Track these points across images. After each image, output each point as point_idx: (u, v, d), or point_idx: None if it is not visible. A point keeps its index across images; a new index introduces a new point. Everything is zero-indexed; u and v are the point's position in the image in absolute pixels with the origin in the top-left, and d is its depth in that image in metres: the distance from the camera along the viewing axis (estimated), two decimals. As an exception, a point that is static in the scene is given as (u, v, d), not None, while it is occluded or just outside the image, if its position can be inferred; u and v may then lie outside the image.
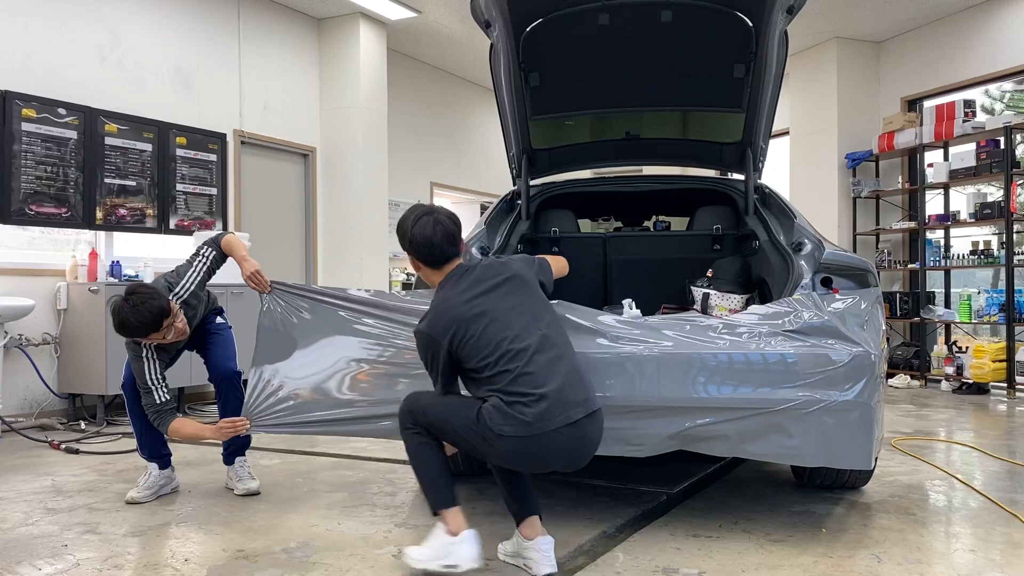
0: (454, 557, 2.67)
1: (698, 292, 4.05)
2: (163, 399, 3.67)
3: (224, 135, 7.54)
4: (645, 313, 3.59)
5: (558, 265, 3.27)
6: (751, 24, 3.82)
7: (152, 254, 6.71)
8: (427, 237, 2.86)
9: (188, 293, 3.74)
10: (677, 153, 4.76)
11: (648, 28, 3.88)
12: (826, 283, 3.40)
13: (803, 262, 3.51)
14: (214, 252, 3.82)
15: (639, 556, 2.96)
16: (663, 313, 4.00)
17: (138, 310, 3.43)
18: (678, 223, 5.45)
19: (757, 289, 4.13)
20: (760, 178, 4.53)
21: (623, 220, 5.47)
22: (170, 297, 3.62)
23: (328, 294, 3.58)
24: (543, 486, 3.95)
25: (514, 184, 4.64)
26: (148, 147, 6.84)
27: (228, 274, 4.28)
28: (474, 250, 3.68)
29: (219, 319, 4.12)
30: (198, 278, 3.78)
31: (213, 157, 7.43)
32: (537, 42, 3.98)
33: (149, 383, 3.65)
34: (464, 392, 2.89)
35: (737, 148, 4.54)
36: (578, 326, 3.16)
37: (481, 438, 2.67)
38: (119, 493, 3.92)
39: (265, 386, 3.55)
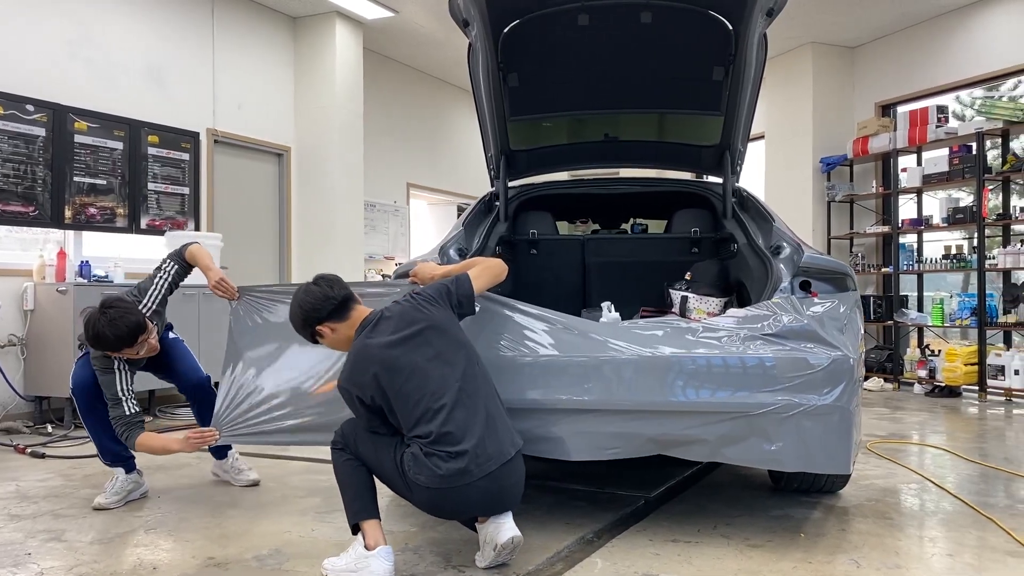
0: (366, 571, 2.69)
1: (676, 295, 4.03)
2: (131, 411, 3.60)
3: (197, 134, 7.43)
4: (624, 316, 3.57)
5: (491, 273, 3.16)
6: (731, 26, 3.81)
7: (122, 254, 6.59)
8: (316, 294, 2.92)
9: (151, 311, 3.71)
10: (656, 155, 4.74)
11: (628, 29, 3.85)
12: (805, 286, 3.39)
13: (782, 265, 3.50)
14: (176, 266, 3.79)
15: (618, 562, 2.93)
16: (643, 316, 3.98)
17: (115, 324, 3.41)
18: (655, 226, 5.44)
19: (735, 292, 4.12)
20: (738, 181, 4.53)
21: (600, 223, 5.44)
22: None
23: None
24: (520, 490, 3.91)
25: (492, 185, 4.60)
26: (119, 145, 6.72)
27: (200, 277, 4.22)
28: (452, 252, 3.63)
29: (171, 334, 4.10)
30: (160, 294, 3.76)
31: (186, 156, 7.31)
32: (516, 42, 3.94)
33: (119, 394, 3.59)
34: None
35: (715, 151, 4.54)
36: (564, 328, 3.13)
37: (402, 482, 2.76)
38: (86, 499, 3.83)
39: (236, 395, 3.51)
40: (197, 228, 7.39)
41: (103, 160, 6.60)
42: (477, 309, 3.14)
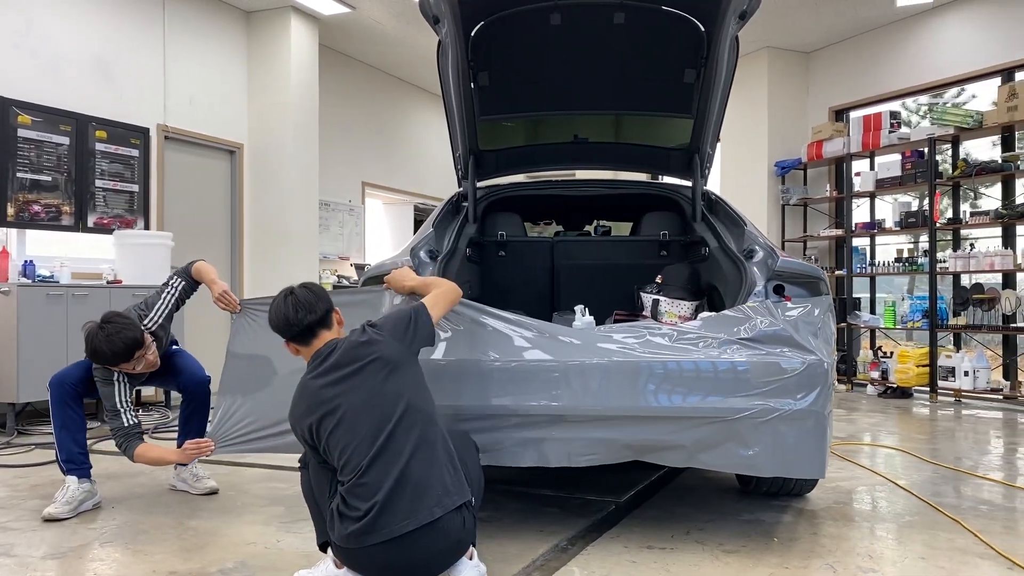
0: None
1: (648, 298, 4.01)
2: (130, 423, 3.61)
3: (147, 129, 7.20)
4: (596, 319, 3.53)
5: (448, 299, 3.02)
6: (703, 29, 3.79)
7: (69, 253, 6.35)
8: (281, 314, 2.78)
9: (157, 325, 3.75)
10: (625, 157, 4.71)
11: (600, 30, 3.81)
12: (778, 291, 3.38)
13: (755, 269, 3.50)
14: (183, 282, 3.84)
15: (595, 571, 2.88)
16: (616, 320, 3.95)
17: (112, 339, 3.44)
18: (618, 228, 5.42)
19: (706, 295, 4.11)
20: (706, 184, 4.52)
21: (564, 224, 5.41)
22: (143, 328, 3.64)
23: None
24: (489, 496, 3.81)
25: (459, 186, 4.52)
26: (65, 140, 6.48)
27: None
28: (422, 254, 3.55)
29: (174, 346, 4.12)
30: (167, 309, 3.80)
31: (135, 152, 7.08)
32: (487, 41, 3.87)
33: (118, 406, 3.60)
34: None
35: (684, 154, 4.53)
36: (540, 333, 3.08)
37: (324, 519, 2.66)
38: (34, 510, 3.65)
39: (233, 407, 3.48)
40: (147, 227, 7.17)
41: (48, 155, 6.35)
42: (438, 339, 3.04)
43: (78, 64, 6.63)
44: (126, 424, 3.58)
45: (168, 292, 3.80)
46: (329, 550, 2.70)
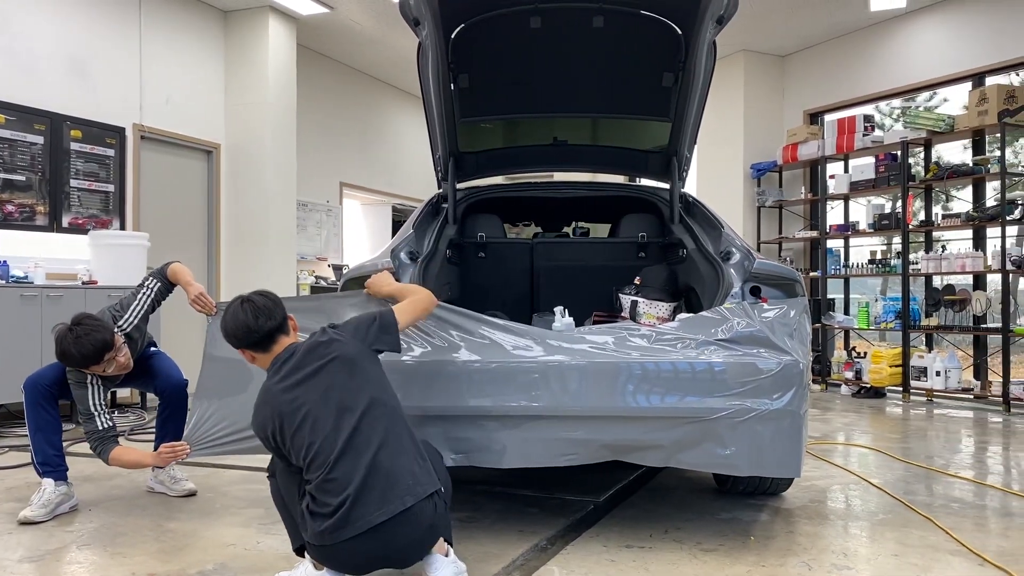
0: None
1: (626, 299, 4.04)
2: (105, 426, 3.57)
3: (123, 129, 7.15)
4: (576, 320, 3.56)
5: (419, 308, 3.02)
6: (681, 33, 3.83)
7: (43, 254, 6.29)
8: (240, 322, 2.75)
9: (132, 326, 3.71)
10: (604, 160, 4.75)
11: (580, 33, 3.84)
12: (755, 292, 3.43)
13: (732, 271, 3.54)
14: (159, 283, 3.80)
15: (575, 570, 2.91)
16: (596, 321, 3.98)
17: (80, 342, 3.40)
18: (597, 230, 5.45)
19: (684, 297, 4.15)
20: (683, 186, 4.57)
21: (543, 226, 5.44)
22: (115, 330, 3.58)
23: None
24: (468, 497, 3.87)
25: (439, 187, 4.54)
26: (39, 140, 6.41)
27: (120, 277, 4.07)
28: (403, 255, 3.56)
29: (152, 348, 4.10)
30: (142, 310, 3.76)
31: (111, 152, 7.02)
32: (467, 43, 3.88)
33: (92, 409, 3.56)
34: None
35: (663, 156, 4.57)
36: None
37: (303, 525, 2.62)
38: (9, 513, 3.62)
39: (209, 411, 3.43)
40: (123, 227, 7.11)
41: (22, 155, 6.29)
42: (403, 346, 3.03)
43: (53, 63, 6.57)
44: (100, 427, 3.54)
45: (143, 293, 3.76)
46: (305, 554, 2.70)
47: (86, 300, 5.94)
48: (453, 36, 3.85)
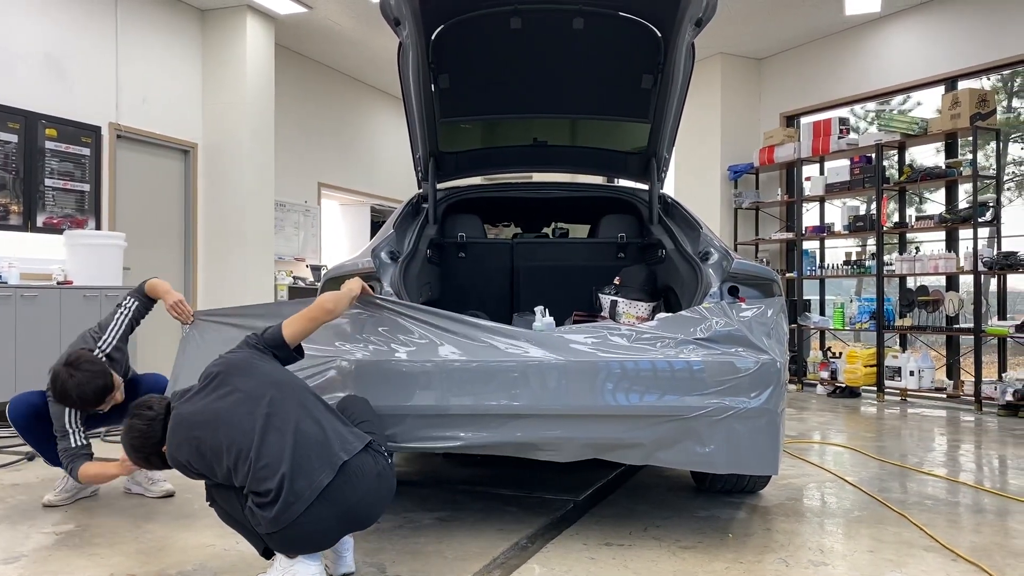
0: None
1: (606, 299, 4.06)
2: (78, 443, 3.59)
3: (99, 128, 7.09)
4: (556, 320, 3.58)
5: (306, 317, 2.96)
6: (660, 35, 3.87)
7: (17, 254, 6.21)
8: (139, 429, 2.75)
9: (111, 347, 3.71)
10: (583, 161, 4.77)
11: (560, 35, 3.86)
12: (733, 292, 3.46)
13: (711, 271, 3.57)
14: (136, 302, 3.80)
15: (555, 568, 2.92)
16: (576, 320, 3.99)
17: (82, 388, 3.45)
18: (577, 230, 5.48)
19: (663, 297, 4.18)
20: (662, 187, 4.60)
21: (523, 226, 5.45)
22: (95, 350, 3.62)
23: (259, 313, 3.42)
24: (450, 496, 3.88)
25: (419, 187, 4.54)
26: (13, 138, 6.34)
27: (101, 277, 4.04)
28: (383, 255, 3.56)
29: (131, 373, 4.07)
30: (120, 330, 3.75)
31: (86, 151, 6.96)
32: (448, 43, 3.90)
33: (67, 427, 3.58)
34: None
35: (641, 158, 4.60)
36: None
37: (256, 534, 2.63)
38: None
39: None
40: (98, 227, 7.05)
41: (-5, 153, 6.22)
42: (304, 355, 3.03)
43: (28, 61, 6.50)
44: (73, 445, 3.56)
45: (121, 313, 3.76)
46: (274, 555, 2.69)
47: (61, 300, 5.89)
48: (434, 36, 3.86)
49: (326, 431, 2.60)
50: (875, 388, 7.77)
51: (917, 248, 7.98)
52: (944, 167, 7.49)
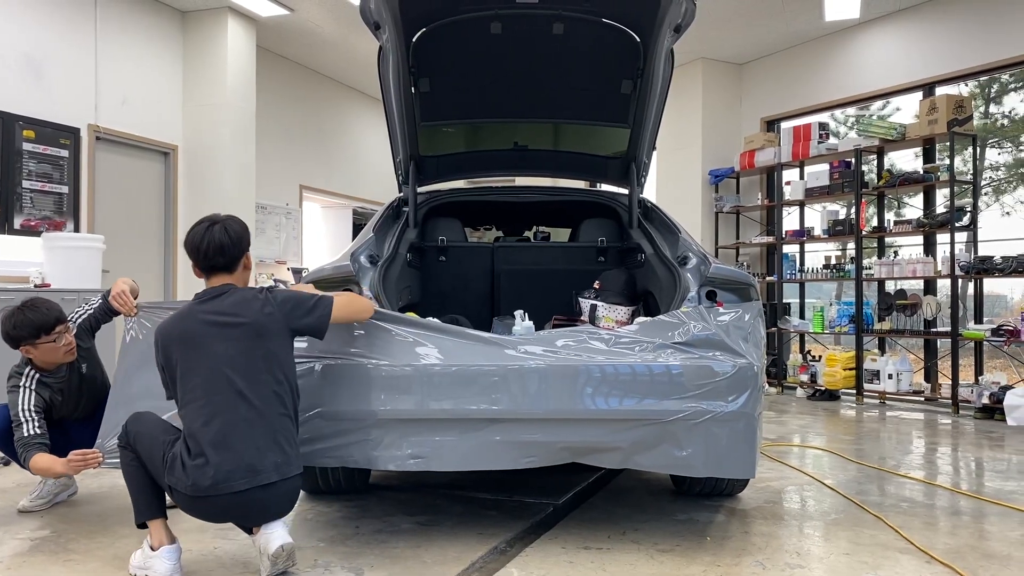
0: (152, 572, 2.79)
1: (585, 303, 4.08)
2: (32, 432, 3.51)
3: (78, 129, 7.03)
4: (535, 324, 3.58)
5: (355, 308, 3.06)
6: (640, 41, 3.89)
7: (-6, 256, 6.16)
8: (195, 243, 2.93)
9: (75, 327, 3.67)
10: (563, 165, 4.79)
11: (540, 40, 3.88)
12: (711, 296, 3.48)
13: (689, 275, 3.59)
14: (100, 300, 3.74)
15: (533, 572, 2.92)
16: (555, 324, 4.00)
17: (36, 308, 3.46)
18: (557, 234, 5.49)
19: (642, 301, 4.20)
20: (642, 192, 4.62)
21: (504, 230, 5.46)
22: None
23: None
24: (429, 501, 3.88)
25: (399, 190, 4.54)
26: (-10, 139, 6.29)
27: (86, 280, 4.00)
28: (363, 259, 3.55)
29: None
30: (82, 317, 3.71)
31: (65, 153, 6.90)
32: (428, 47, 3.90)
33: (21, 415, 3.51)
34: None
35: (621, 162, 4.62)
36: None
37: (165, 484, 2.78)
38: (-40, 520, 3.55)
39: (122, 417, 3.29)
40: (77, 229, 6.99)
41: (-28, 155, 6.15)
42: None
43: (6, 62, 6.44)
44: (27, 433, 3.47)
45: (83, 307, 3.74)
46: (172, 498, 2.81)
47: (38, 303, 5.82)
48: (414, 40, 3.86)
49: (292, 443, 2.80)
50: (854, 391, 7.83)
51: (895, 252, 8.05)
52: (922, 172, 7.57)
